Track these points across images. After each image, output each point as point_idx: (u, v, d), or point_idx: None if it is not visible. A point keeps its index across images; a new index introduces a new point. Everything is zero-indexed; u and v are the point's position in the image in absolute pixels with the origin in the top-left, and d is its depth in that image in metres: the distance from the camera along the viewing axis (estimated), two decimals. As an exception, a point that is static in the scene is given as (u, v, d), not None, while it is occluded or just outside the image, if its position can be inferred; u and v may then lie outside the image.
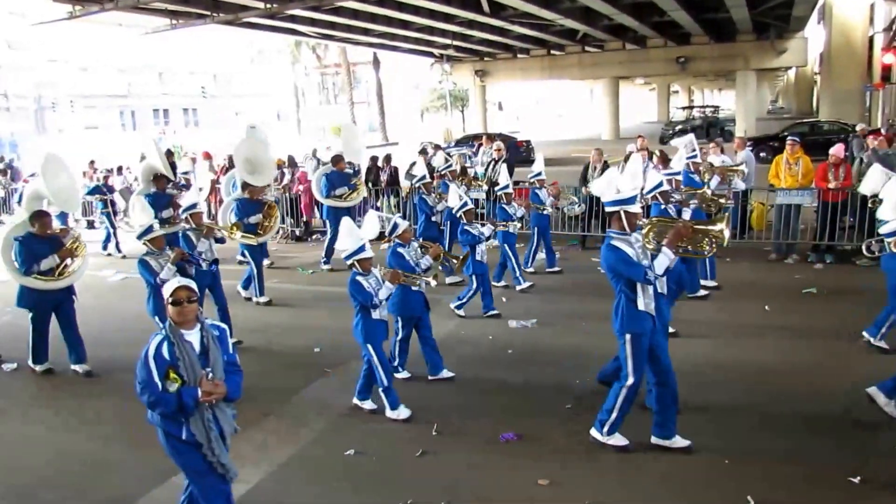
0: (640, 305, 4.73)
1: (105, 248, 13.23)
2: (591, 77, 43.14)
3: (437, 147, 14.89)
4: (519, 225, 9.17)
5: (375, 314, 5.63)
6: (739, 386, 6.07)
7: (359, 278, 5.58)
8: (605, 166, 11.72)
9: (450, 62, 40.18)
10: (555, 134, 45.93)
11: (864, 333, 6.76)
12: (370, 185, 13.24)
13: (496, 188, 9.55)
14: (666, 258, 4.72)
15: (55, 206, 7.95)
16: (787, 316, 7.90)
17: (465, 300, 8.26)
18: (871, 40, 28.47)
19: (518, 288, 9.27)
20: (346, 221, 5.71)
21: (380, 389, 5.71)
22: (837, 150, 10.01)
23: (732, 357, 6.77)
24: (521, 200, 9.42)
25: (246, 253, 9.29)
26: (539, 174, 9.75)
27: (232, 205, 9.66)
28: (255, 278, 9.36)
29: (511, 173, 13.24)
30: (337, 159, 11.08)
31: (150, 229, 6.54)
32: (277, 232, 14.27)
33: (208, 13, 22.78)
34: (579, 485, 4.67)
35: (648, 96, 67.31)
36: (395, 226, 6.45)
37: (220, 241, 8.00)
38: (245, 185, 9.58)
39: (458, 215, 7.99)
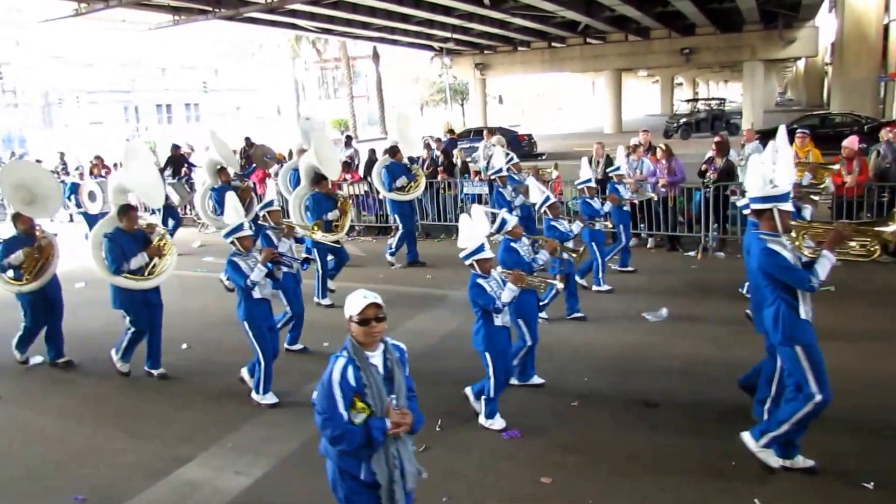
0: (802, 314, 4.36)
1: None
2: (592, 69, 42.89)
3: (491, 132, 14.62)
4: (608, 224, 8.74)
5: (498, 320, 5.23)
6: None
7: (479, 281, 5.16)
8: (608, 160, 11.63)
9: (450, 55, 39.90)
10: (556, 128, 45.70)
11: None
12: (367, 178, 13.04)
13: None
14: (828, 262, 4.28)
15: (137, 198, 7.63)
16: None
17: (547, 301, 7.56)
18: (885, 28, 27.85)
19: (595, 289, 8.86)
20: (465, 218, 5.31)
21: (482, 397, 5.50)
22: (851, 143, 9.68)
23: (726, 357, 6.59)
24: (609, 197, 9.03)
25: (314, 252, 8.77)
26: (588, 181, 8.61)
27: (305, 202, 8.95)
28: (319, 279, 8.95)
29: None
30: (394, 150, 10.64)
31: (239, 227, 5.99)
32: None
33: (210, 9, 22.63)
34: (582, 484, 4.63)
35: (652, 89, 66.90)
36: (504, 222, 6.02)
37: (300, 240, 7.82)
38: (318, 180, 8.80)
39: (542, 211, 7.41)
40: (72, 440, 5.66)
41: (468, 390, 5.70)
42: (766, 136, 20.26)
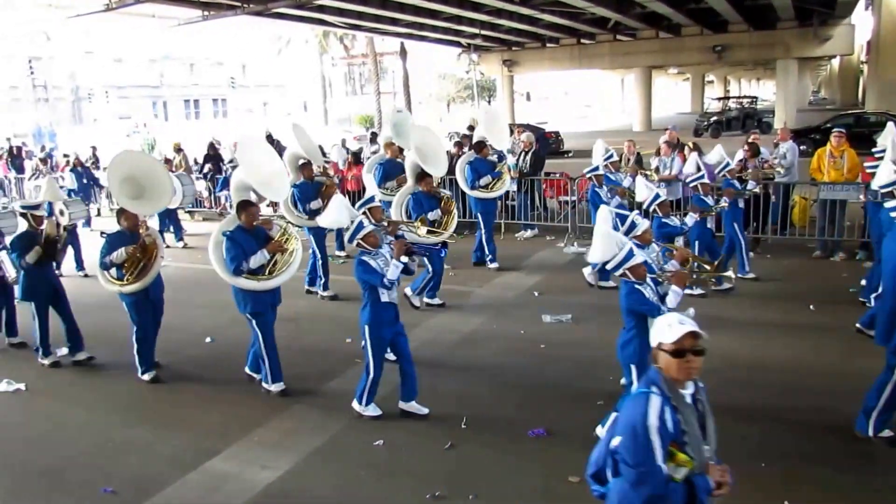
0: None
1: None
2: (622, 66, 42.39)
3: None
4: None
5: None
6: (786, 386, 5.81)
7: (637, 287, 4.79)
8: (639, 158, 11.58)
9: (477, 52, 39.72)
10: (584, 125, 45.31)
11: None
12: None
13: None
14: None
15: (263, 194, 6.76)
16: (833, 316, 7.49)
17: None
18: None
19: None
20: (601, 229, 4.97)
21: None
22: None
23: (773, 356, 6.53)
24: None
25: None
26: (701, 176, 8.25)
27: (406, 202, 8.50)
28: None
29: (542, 165, 13.02)
30: (480, 145, 10.15)
31: (360, 226, 5.51)
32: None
33: (239, 4, 22.74)
34: None
35: (682, 87, 66.12)
36: (633, 225, 5.62)
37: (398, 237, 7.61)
38: (421, 177, 8.29)
39: (651, 209, 6.98)
40: (99, 432, 5.66)
41: None
42: (799, 135, 20.15)
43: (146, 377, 6.55)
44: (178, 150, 16.37)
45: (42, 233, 6.92)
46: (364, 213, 6.40)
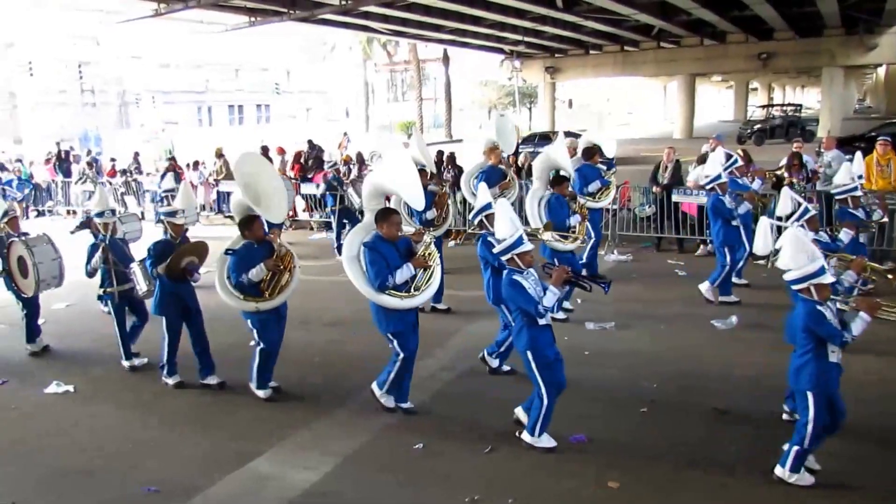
0: None
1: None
2: (665, 74, 42.07)
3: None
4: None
5: (833, 356, 4.48)
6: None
7: (819, 308, 4.38)
8: (678, 166, 11.50)
9: (520, 59, 39.80)
10: (625, 132, 45.00)
11: None
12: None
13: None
14: None
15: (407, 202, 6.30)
16: (881, 327, 7.36)
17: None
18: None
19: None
20: (794, 236, 4.60)
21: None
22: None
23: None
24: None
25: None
26: (854, 188, 7.42)
27: (546, 202, 7.99)
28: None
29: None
30: (590, 152, 9.49)
31: (520, 241, 4.96)
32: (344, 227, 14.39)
33: (285, 10, 23.15)
34: (650, 490, 4.59)
35: (725, 94, 65.17)
36: (806, 210, 5.61)
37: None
38: (558, 181, 7.86)
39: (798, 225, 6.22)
40: (140, 434, 5.70)
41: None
42: (843, 143, 19.86)
43: (262, 394, 6.18)
44: (220, 155, 16.51)
45: (179, 242, 6.54)
46: (480, 221, 6.27)
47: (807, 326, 4.40)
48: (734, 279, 8.75)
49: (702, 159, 11.06)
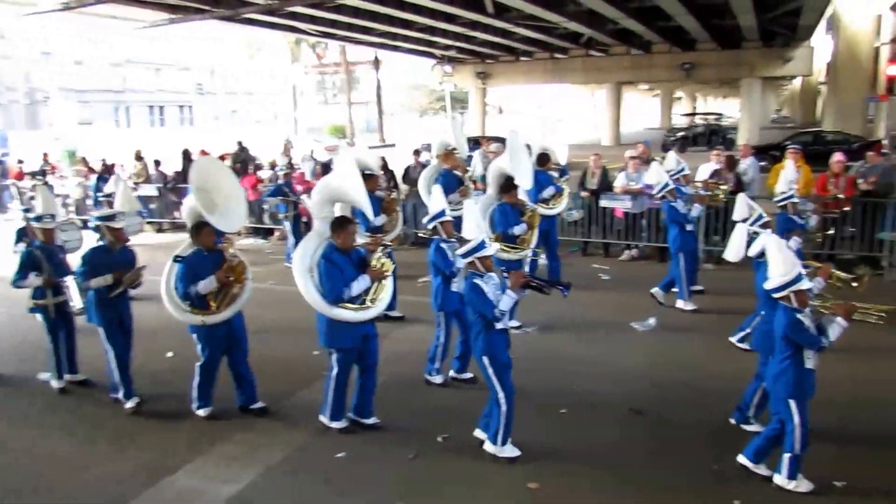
0: None
1: None
2: (594, 81, 42.81)
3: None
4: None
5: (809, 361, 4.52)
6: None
7: (799, 316, 4.41)
8: (604, 172, 11.67)
9: (451, 63, 39.74)
10: (555, 139, 45.52)
11: None
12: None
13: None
14: None
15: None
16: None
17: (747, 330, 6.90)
18: (876, 51, 28.27)
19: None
20: (773, 244, 4.59)
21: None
22: (839, 159, 9.93)
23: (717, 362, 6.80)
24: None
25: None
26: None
27: (491, 213, 7.78)
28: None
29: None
30: (543, 158, 9.40)
31: (482, 245, 4.93)
32: (272, 234, 13.89)
33: (207, 8, 22.32)
34: (569, 490, 4.71)
35: (651, 102, 67.03)
36: (761, 216, 5.89)
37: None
38: (507, 188, 7.67)
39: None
40: (60, 452, 5.49)
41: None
42: (760, 152, 20.55)
43: (202, 413, 5.88)
44: (139, 157, 15.86)
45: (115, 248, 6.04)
46: (435, 227, 6.13)
47: (786, 334, 4.43)
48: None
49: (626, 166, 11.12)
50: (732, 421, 5.47)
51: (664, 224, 8.77)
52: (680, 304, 8.56)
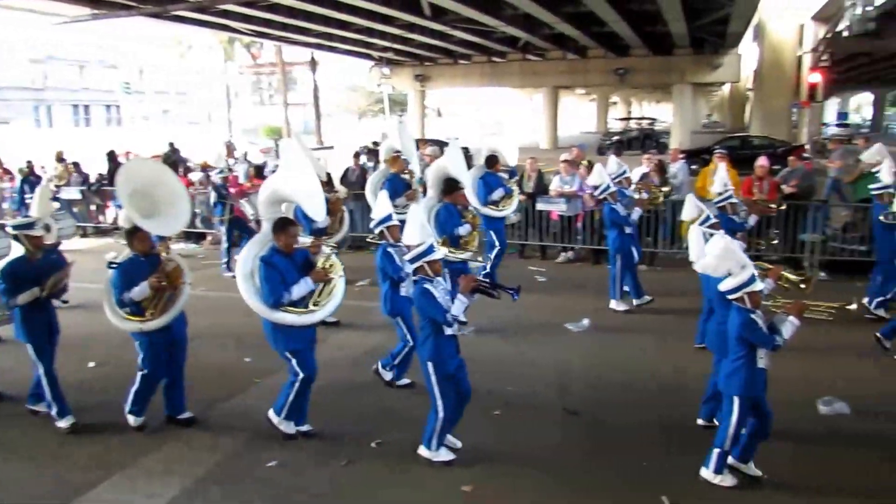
0: None
1: None
2: (531, 85, 43.25)
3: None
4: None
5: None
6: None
7: (753, 316, 4.47)
8: (540, 175, 11.77)
9: (389, 65, 39.51)
10: (494, 142, 45.86)
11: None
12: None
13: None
14: None
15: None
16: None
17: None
18: (799, 60, 29.40)
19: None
20: (722, 245, 4.62)
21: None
22: (762, 163, 10.19)
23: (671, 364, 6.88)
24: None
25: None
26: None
27: (435, 213, 7.68)
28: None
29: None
30: (493, 160, 9.38)
31: (430, 249, 4.86)
32: (204, 238, 13.44)
33: (133, 4, 21.51)
34: (504, 492, 4.72)
35: (588, 106, 68.27)
36: (708, 217, 5.94)
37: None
38: (450, 189, 7.58)
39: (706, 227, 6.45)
40: None
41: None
42: (691, 156, 21.13)
43: (132, 420, 5.62)
44: (60, 159, 15.15)
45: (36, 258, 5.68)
46: (381, 232, 6.04)
47: (740, 335, 4.49)
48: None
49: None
50: (700, 421, 5.50)
51: (606, 225, 8.74)
52: (612, 304, 8.64)
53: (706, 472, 4.67)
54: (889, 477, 4.80)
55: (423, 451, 5.02)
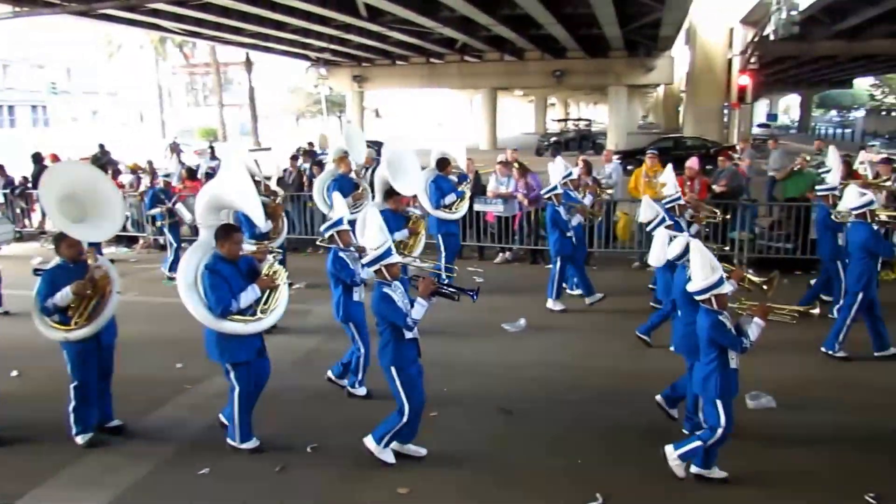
0: None
1: None
2: (470, 87, 43.58)
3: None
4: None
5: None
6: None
7: (721, 318, 4.49)
8: (477, 176, 11.78)
9: (326, 66, 39.19)
10: (434, 143, 45.97)
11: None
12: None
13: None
14: None
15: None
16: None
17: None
18: (729, 62, 30.29)
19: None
20: (696, 249, 4.61)
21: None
22: (692, 164, 10.39)
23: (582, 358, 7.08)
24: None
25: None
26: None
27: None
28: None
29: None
30: (444, 162, 9.35)
31: (388, 253, 4.84)
32: (135, 242, 13.07)
33: (57, 2, 20.72)
34: (440, 492, 4.71)
35: (527, 108, 69.05)
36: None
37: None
38: (389, 194, 7.62)
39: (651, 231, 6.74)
40: None
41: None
42: (626, 156, 21.64)
43: (80, 440, 5.37)
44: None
45: None
46: (331, 236, 5.92)
47: (711, 337, 4.49)
48: (571, 290, 9.10)
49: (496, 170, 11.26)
50: (686, 431, 5.34)
51: (548, 226, 8.80)
52: (549, 304, 8.75)
53: (671, 452, 4.74)
54: (814, 466, 4.94)
55: (370, 442, 4.96)
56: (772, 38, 20.63)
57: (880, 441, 5.29)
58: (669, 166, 9.15)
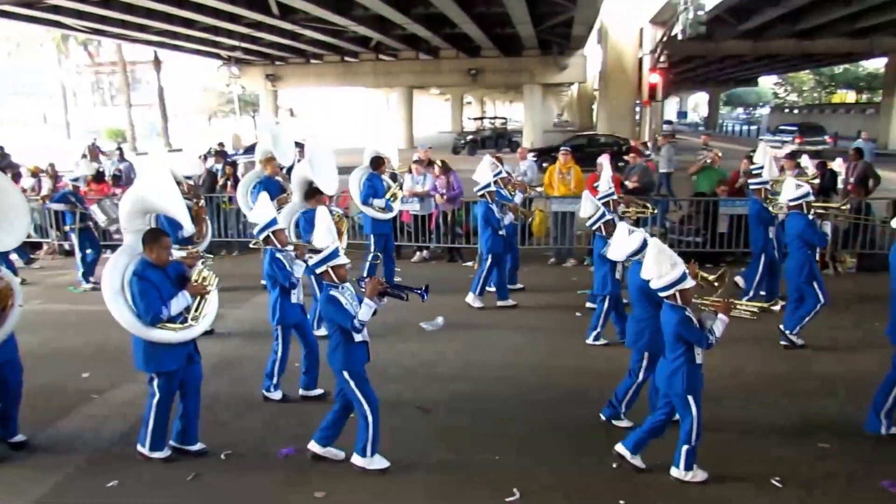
0: None
1: None
2: (385, 85, 43.48)
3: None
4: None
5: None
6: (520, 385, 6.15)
7: (687, 314, 4.51)
8: (393, 175, 11.71)
9: (238, 65, 38.28)
10: (350, 141, 45.71)
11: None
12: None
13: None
14: None
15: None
16: (561, 315, 8.34)
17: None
18: (640, 61, 31.15)
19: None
20: (654, 245, 4.62)
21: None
22: (603, 160, 10.50)
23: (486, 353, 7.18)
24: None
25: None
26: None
27: (297, 219, 7.53)
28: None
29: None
30: (378, 161, 9.35)
31: (335, 254, 4.76)
32: (39, 247, 12.52)
33: (-54, -4, 19.51)
34: (356, 495, 4.67)
35: (443, 106, 69.47)
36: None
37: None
38: (311, 194, 7.51)
39: (595, 228, 6.91)
40: None
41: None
42: (541, 154, 22.15)
43: None
44: None
45: None
46: (266, 237, 5.84)
47: (677, 332, 4.51)
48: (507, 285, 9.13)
49: (409, 169, 11.43)
50: (603, 417, 5.51)
51: (481, 224, 8.84)
52: (469, 298, 8.80)
53: (677, 472, 4.66)
54: (739, 455, 5.06)
55: (357, 459, 4.85)
56: (680, 37, 21.35)
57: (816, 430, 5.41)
58: (606, 163, 9.35)
